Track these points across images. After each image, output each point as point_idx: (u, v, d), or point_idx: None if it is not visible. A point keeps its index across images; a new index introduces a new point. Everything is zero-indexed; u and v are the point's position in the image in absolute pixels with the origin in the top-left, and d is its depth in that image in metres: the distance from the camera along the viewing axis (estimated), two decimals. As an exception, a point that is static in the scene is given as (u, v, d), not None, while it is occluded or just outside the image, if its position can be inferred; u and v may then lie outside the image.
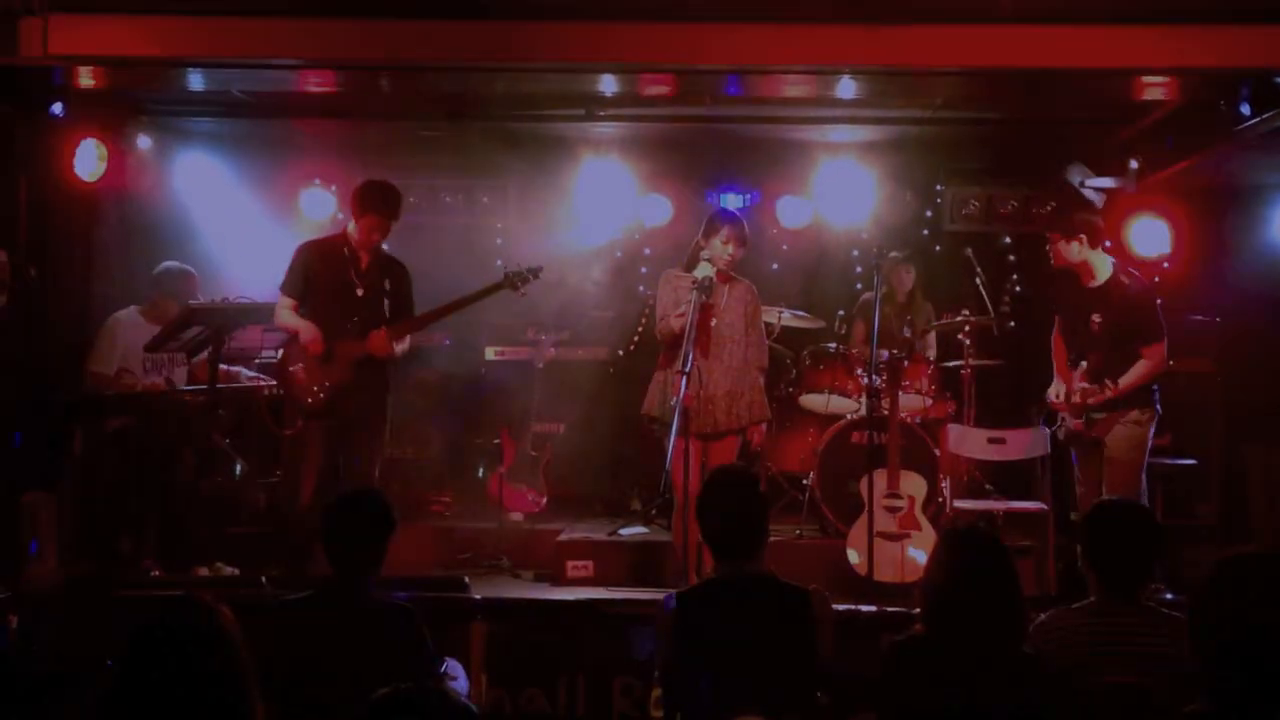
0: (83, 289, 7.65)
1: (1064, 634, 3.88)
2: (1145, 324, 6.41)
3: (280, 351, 6.87)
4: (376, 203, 6.68)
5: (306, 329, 6.60)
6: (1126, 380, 6.36)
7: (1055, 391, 6.68)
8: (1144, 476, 6.46)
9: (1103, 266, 6.55)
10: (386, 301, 6.74)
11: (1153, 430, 6.50)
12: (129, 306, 7.26)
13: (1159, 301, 6.53)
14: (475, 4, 6.15)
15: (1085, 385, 6.37)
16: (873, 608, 5.96)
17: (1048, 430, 7.12)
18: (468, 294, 6.92)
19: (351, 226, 6.75)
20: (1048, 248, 6.69)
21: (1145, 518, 4.18)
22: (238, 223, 8.52)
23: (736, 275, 6.75)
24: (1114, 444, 6.45)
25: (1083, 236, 6.51)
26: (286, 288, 6.73)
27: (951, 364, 8.29)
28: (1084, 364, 6.46)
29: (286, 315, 6.69)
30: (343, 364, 6.60)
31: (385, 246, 6.87)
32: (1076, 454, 6.75)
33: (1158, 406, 6.49)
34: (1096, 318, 6.47)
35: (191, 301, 7.00)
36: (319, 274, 6.68)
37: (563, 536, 7.56)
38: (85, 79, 6.73)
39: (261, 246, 8.27)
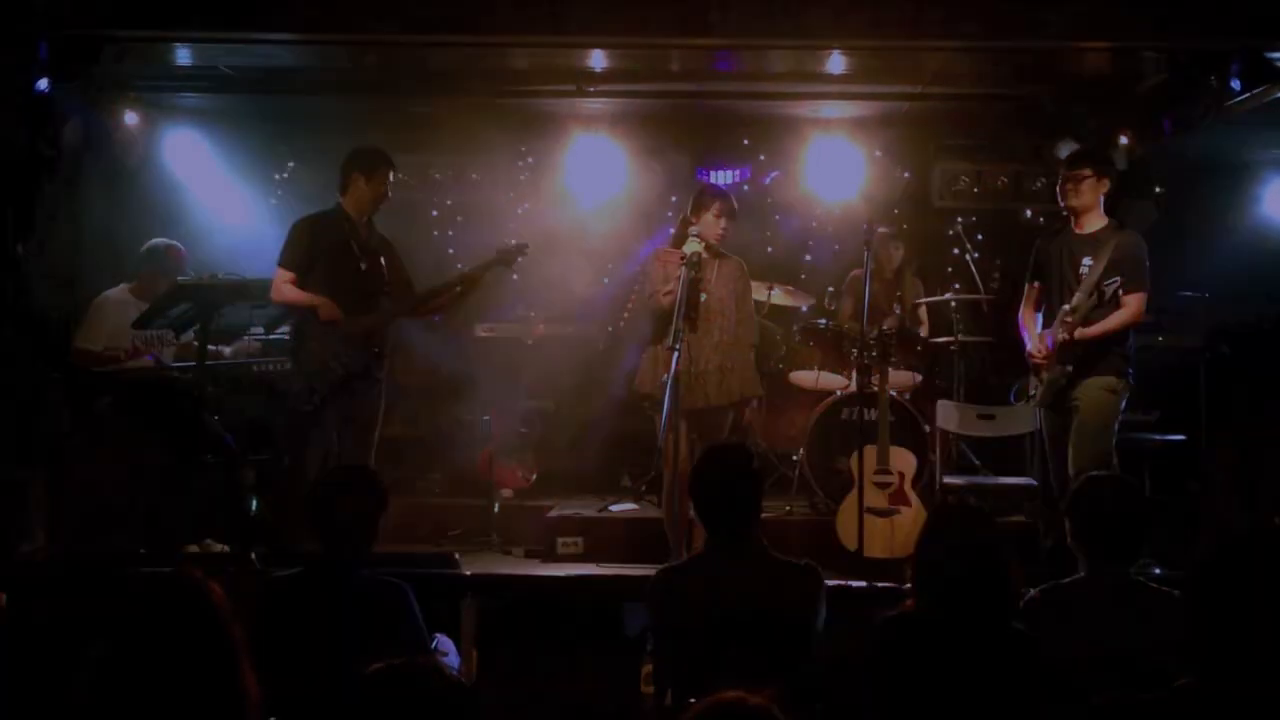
0: (71, 267, 7.61)
1: (1053, 609, 3.90)
2: (1134, 271, 6.34)
3: (292, 330, 6.81)
4: (360, 164, 6.64)
5: (325, 304, 6.52)
6: (1105, 324, 6.33)
7: (1034, 347, 6.58)
8: (1114, 451, 6.44)
9: (1100, 214, 6.51)
10: (387, 277, 6.73)
11: (1124, 403, 6.46)
12: (119, 285, 7.25)
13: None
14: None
15: (1068, 320, 6.33)
16: (863, 583, 5.98)
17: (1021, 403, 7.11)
18: (469, 272, 6.84)
19: (343, 198, 6.69)
20: (1065, 185, 6.49)
21: (1134, 493, 4.18)
22: (226, 199, 8.50)
23: (726, 252, 6.75)
24: (1084, 410, 6.39)
25: (1109, 180, 6.47)
26: (288, 262, 6.59)
27: (941, 340, 8.31)
28: (1066, 306, 6.39)
29: (292, 291, 6.57)
30: (355, 339, 6.57)
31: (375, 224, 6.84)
32: (1045, 432, 6.71)
33: (1131, 379, 6.45)
34: (1088, 261, 6.37)
35: (180, 278, 6.99)
36: (322, 249, 6.61)
37: (553, 513, 7.56)
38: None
39: (250, 223, 8.26)
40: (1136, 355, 6.50)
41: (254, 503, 6.99)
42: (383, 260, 6.74)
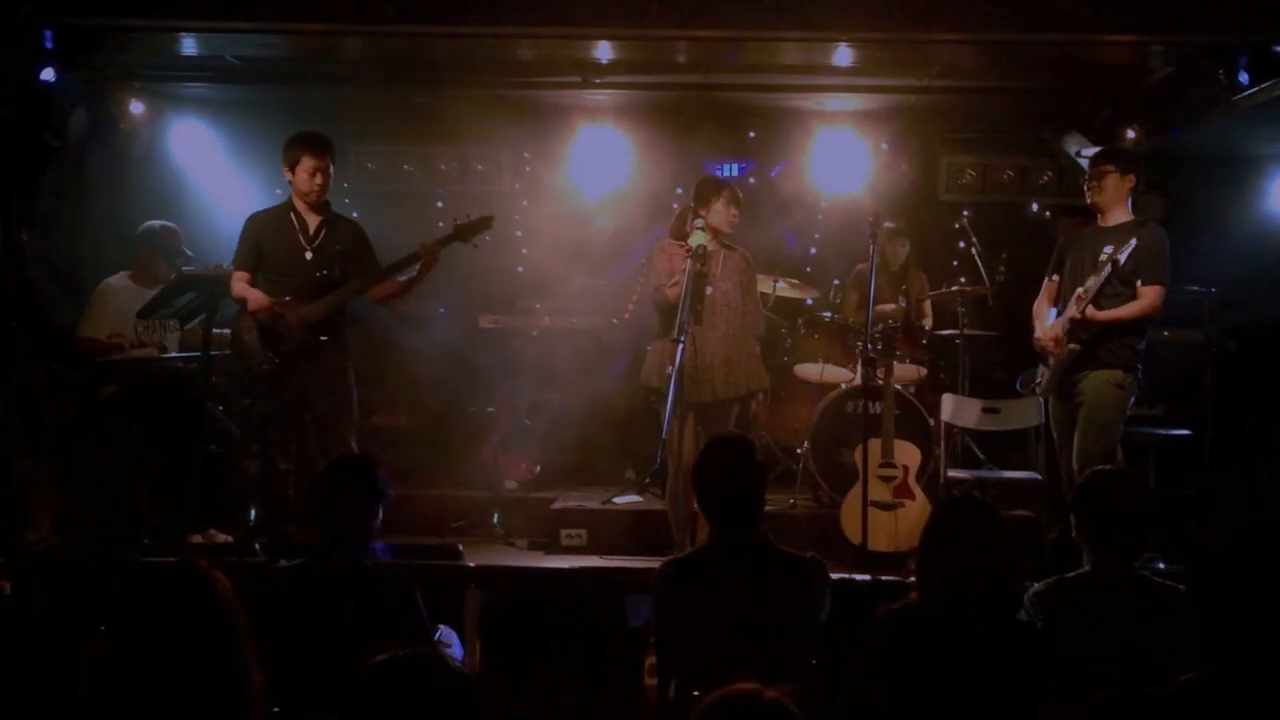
0: (75, 255, 7.62)
1: (1058, 603, 3.90)
2: (1153, 263, 6.31)
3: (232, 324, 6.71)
4: (302, 143, 6.57)
5: (254, 296, 6.48)
6: (1119, 311, 6.31)
7: (1041, 332, 6.59)
8: (1119, 447, 6.42)
9: (1125, 210, 6.49)
10: (338, 264, 6.61)
11: (1132, 400, 6.45)
12: (119, 273, 7.25)
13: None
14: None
15: (1080, 296, 6.28)
16: (867, 577, 5.97)
17: (1042, 401, 7.10)
18: (426, 245, 6.60)
19: (293, 186, 6.61)
20: (1091, 181, 6.49)
21: (1138, 487, 4.18)
22: (231, 189, 8.49)
23: (731, 244, 6.74)
24: (1090, 403, 6.37)
25: (1133, 176, 6.46)
26: (237, 261, 6.60)
27: (946, 333, 8.30)
28: (1080, 290, 6.35)
29: (238, 286, 6.55)
30: (297, 329, 6.49)
31: (355, 215, 6.79)
32: (1053, 423, 6.70)
33: (1140, 375, 6.44)
34: (1108, 248, 6.32)
35: (185, 268, 6.99)
36: (268, 242, 6.58)
37: (557, 505, 7.55)
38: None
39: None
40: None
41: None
42: (338, 246, 6.64)
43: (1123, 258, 6.15)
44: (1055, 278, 6.70)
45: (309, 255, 6.58)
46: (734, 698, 2.29)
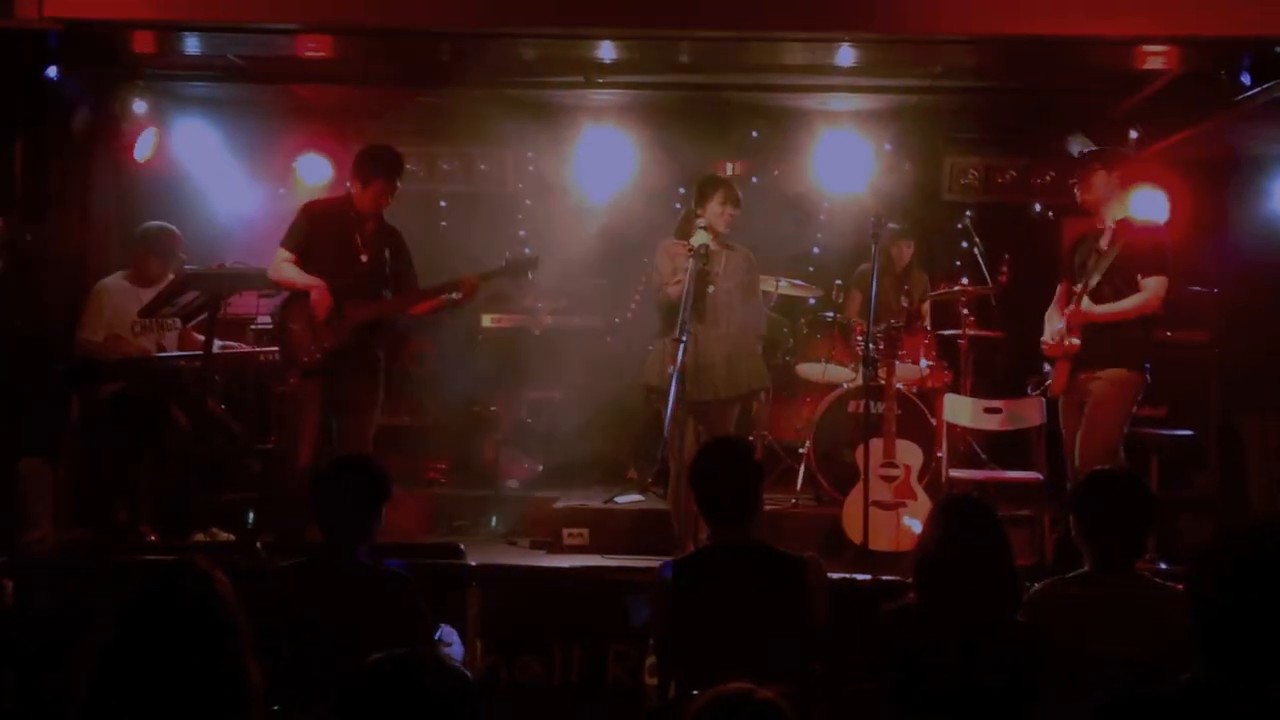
0: (79, 255, 7.62)
1: (1058, 603, 3.90)
2: (1153, 256, 6.32)
3: (280, 307, 6.73)
4: (384, 168, 6.60)
5: (318, 289, 6.47)
6: (1119, 305, 6.31)
7: (1048, 334, 6.57)
8: (1122, 446, 6.41)
9: (1119, 209, 6.49)
10: (388, 268, 6.70)
11: (1138, 399, 6.46)
12: (115, 273, 7.25)
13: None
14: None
15: (1076, 291, 6.30)
16: (867, 576, 5.97)
17: (1043, 399, 7.09)
18: (470, 277, 6.71)
19: (355, 191, 6.64)
20: (1077, 182, 6.55)
21: (1139, 488, 4.17)
22: (234, 188, 8.49)
23: (734, 243, 6.74)
24: (1095, 400, 6.36)
25: (1119, 174, 6.46)
26: (289, 242, 6.57)
27: (948, 333, 8.30)
28: (1076, 286, 6.36)
29: (290, 270, 6.53)
30: (345, 327, 6.53)
31: (384, 214, 6.83)
32: (1061, 422, 6.67)
33: (1147, 376, 6.43)
34: (1104, 242, 6.36)
35: (187, 266, 6.99)
36: (324, 235, 6.58)
37: (559, 504, 7.55)
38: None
39: (258, 212, 8.25)
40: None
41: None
42: (387, 253, 6.70)
43: (1104, 245, 6.18)
44: (1065, 282, 6.68)
45: (364, 258, 6.60)
46: (726, 697, 2.29)
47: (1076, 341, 6.34)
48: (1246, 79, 6.40)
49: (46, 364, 7.01)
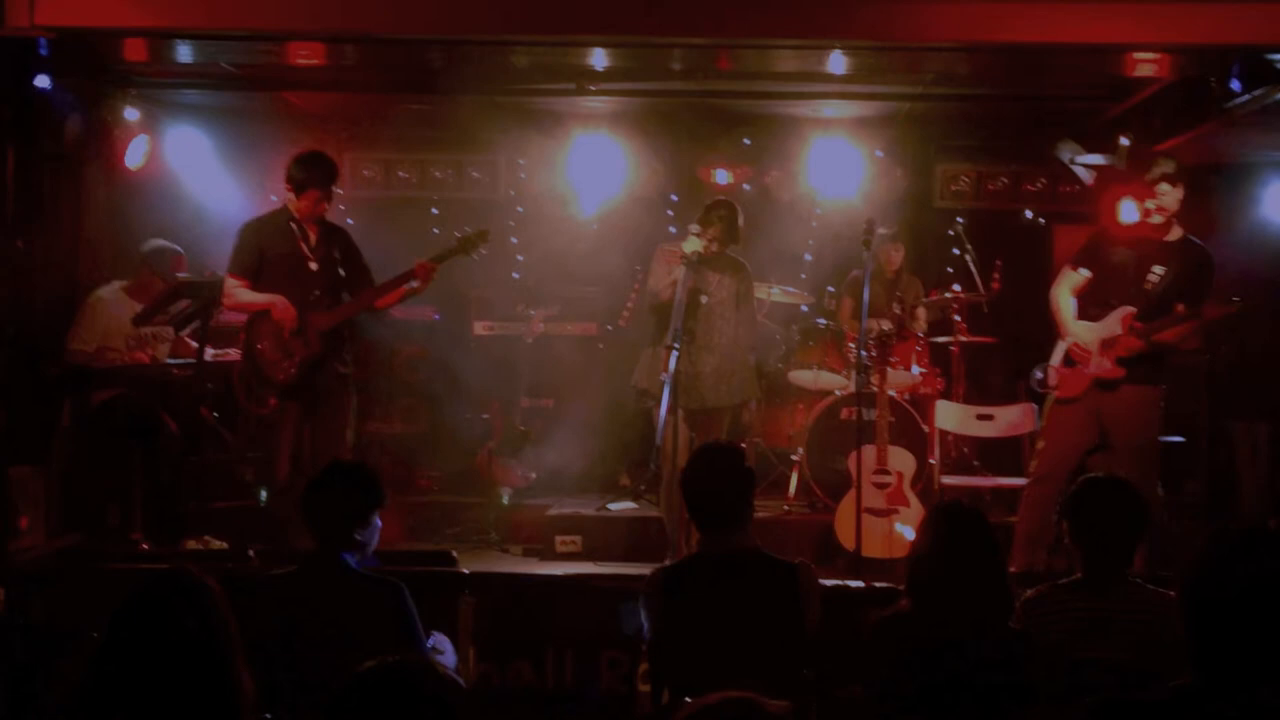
0: (70, 263, 7.60)
1: (1051, 610, 3.90)
2: (1205, 287, 6.24)
3: (244, 329, 6.65)
4: (317, 176, 6.52)
5: (281, 304, 6.44)
6: (1176, 331, 6.21)
7: (1083, 339, 6.32)
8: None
9: (1178, 226, 6.35)
10: (340, 270, 6.64)
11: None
12: (111, 283, 7.22)
13: None
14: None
15: (1137, 326, 6.17)
16: (860, 583, 5.97)
17: (1036, 406, 7.07)
18: (426, 260, 6.61)
19: (291, 201, 6.56)
20: (1168, 190, 6.26)
21: (1130, 495, 4.17)
22: (225, 196, 8.48)
23: (731, 254, 6.75)
24: (1137, 427, 6.25)
25: (1183, 187, 6.30)
26: (237, 268, 6.51)
27: (941, 340, 8.31)
28: (1120, 310, 6.21)
29: (246, 293, 6.49)
30: (310, 337, 6.49)
31: (350, 222, 6.79)
32: (1064, 423, 6.49)
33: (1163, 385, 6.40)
34: (1159, 270, 6.23)
35: (179, 274, 6.97)
36: (270, 251, 6.53)
37: (552, 511, 7.56)
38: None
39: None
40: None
41: (262, 495, 6.97)
42: (337, 254, 6.65)
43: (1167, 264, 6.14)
44: (1085, 273, 6.44)
45: (314, 266, 6.56)
46: (714, 707, 2.28)
47: (1122, 369, 6.21)
48: (1236, 86, 6.40)
49: (37, 372, 7.00)
